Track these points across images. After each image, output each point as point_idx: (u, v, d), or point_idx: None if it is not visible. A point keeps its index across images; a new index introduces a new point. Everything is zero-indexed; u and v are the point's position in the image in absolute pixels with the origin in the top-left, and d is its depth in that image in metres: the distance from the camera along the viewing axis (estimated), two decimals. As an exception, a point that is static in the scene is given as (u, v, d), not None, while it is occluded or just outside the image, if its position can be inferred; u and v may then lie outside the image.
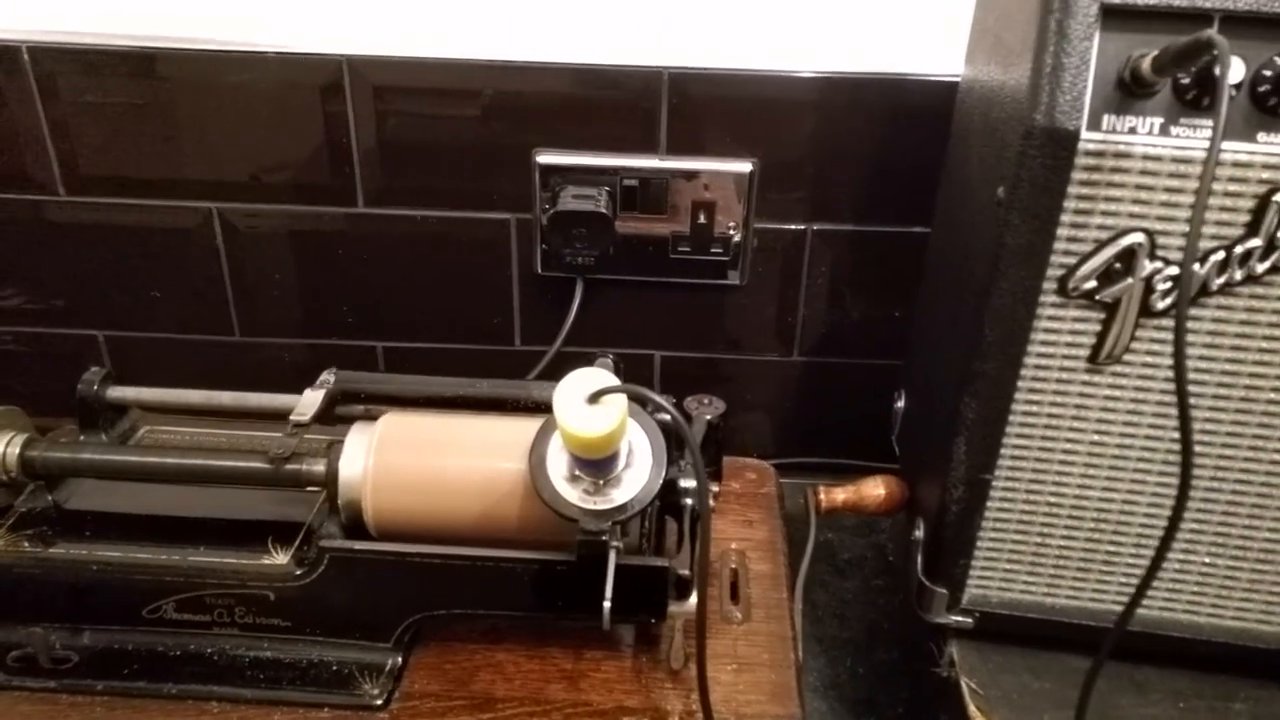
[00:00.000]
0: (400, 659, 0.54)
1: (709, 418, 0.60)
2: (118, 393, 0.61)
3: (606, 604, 0.47)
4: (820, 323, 0.82)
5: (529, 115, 0.75)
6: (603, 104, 0.74)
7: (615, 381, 0.45)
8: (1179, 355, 0.43)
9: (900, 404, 0.72)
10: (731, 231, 0.77)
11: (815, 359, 0.84)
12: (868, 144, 0.75)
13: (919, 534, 0.60)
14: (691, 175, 0.75)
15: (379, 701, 0.52)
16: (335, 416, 0.59)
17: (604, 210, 0.75)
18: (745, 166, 0.75)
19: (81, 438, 0.60)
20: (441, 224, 0.79)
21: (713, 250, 0.78)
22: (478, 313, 0.83)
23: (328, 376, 0.60)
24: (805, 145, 0.75)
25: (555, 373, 0.46)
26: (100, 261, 0.82)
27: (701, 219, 0.77)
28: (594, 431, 0.44)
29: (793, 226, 0.78)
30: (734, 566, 0.63)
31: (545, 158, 0.76)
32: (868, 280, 0.80)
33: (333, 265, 0.81)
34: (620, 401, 0.45)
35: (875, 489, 0.67)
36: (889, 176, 0.76)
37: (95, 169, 0.78)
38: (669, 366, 0.85)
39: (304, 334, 0.85)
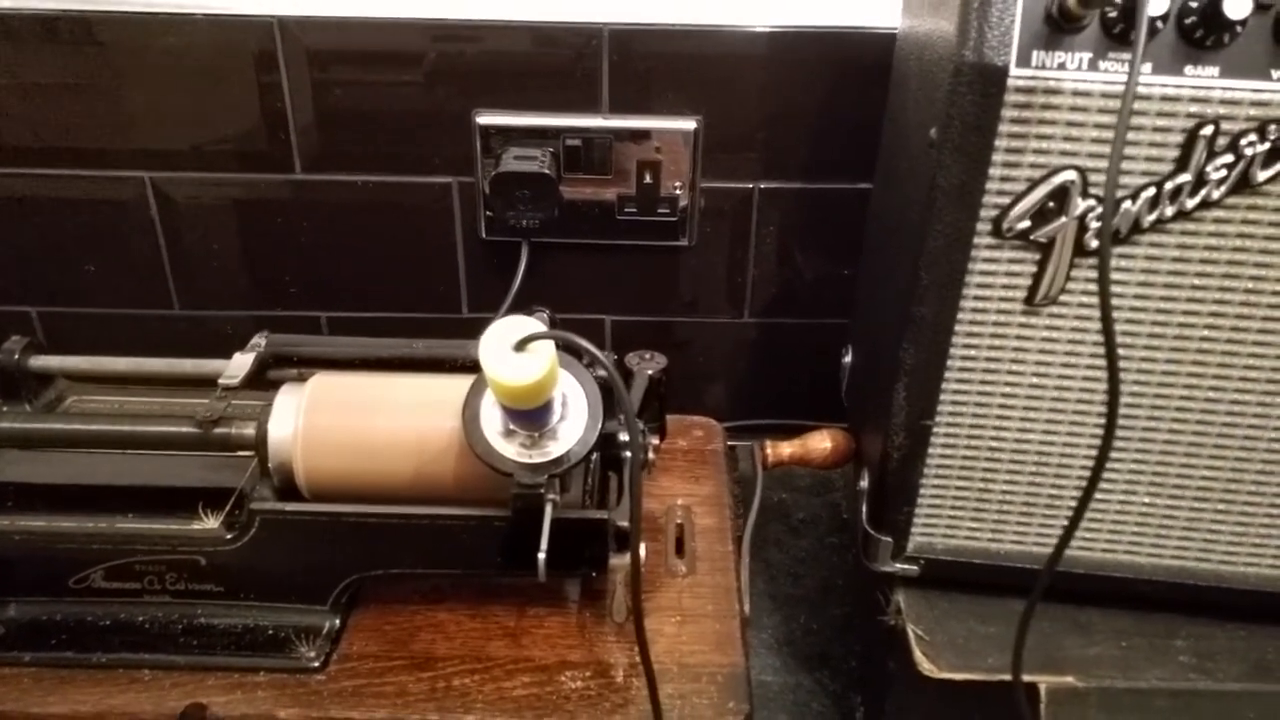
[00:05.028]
0: (338, 621, 0.53)
1: (650, 372, 0.59)
2: (41, 361, 0.59)
3: (541, 555, 0.46)
4: (770, 283, 0.82)
5: (467, 76, 0.73)
6: (542, 63, 0.73)
7: (542, 328, 0.44)
8: (1104, 293, 0.43)
9: (848, 359, 0.72)
10: (678, 191, 0.77)
11: (766, 320, 0.84)
12: (813, 99, 0.75)
13: (864, 484, 0.60)
14: (635, 134, 0.75)
15: (316, 664, 0.51)
16: (268, 381, 0.57)
17: (547, 171, 0.74)
18: (690, 124, 0.75)
19: (4, 408, 0.58)
20: (382, 189, 0.78)
21: (659, 211, 0.77)
22: (423, 280, 0.82)
23: (259, 340, 0.58)
24: (750, 101, 0.74)
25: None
26: (30, 235, 0.80)
27: (647, 179, 0.76)
28: (522, 379, 0.43)
29: (740, 185, 0.78)
30: (680, 521, 0.62)
31: (485, 118, 0.74)
32: (817, 238, 0.80)
33: (272, 234, 0.80)
34: (548, 349, 0.44)
35: (821, 442, 0.67)
36: (836, 132, 0.76)
37: (21, 139, 0.76)
38: (620, 331, 0.84)
39: (246, 305, 0.83)
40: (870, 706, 0.67)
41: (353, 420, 0.52)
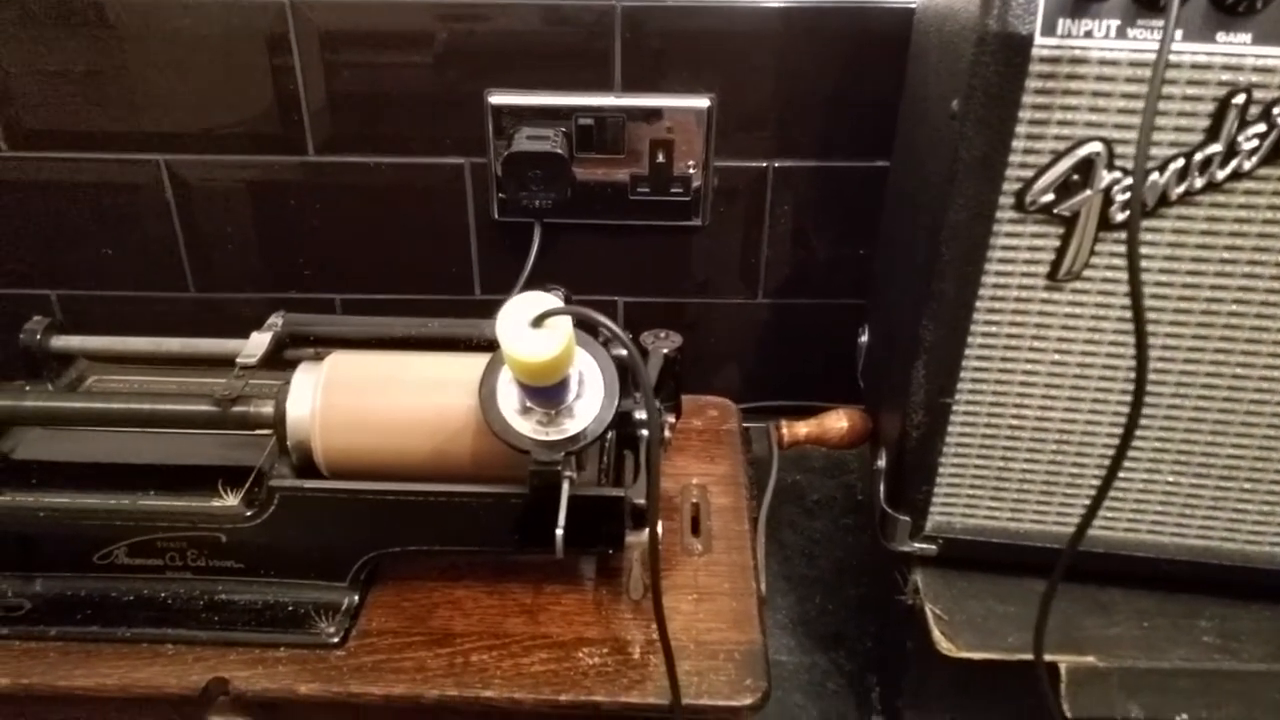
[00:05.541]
0: (357, 597, 0.54)
1: (665, 351, 0.59)
2: (62, 342, 0.59)
3: (559, 531, 0.46)
4: (784, 263, 0.81)
5: (479, 55, 0.73)
6: (554, 41, 0.72)
7: (560, 304, 0.43)
8: (1133, 267, 0.42)
9: (864, 338, 0.72)
10: (691, 171, 0.76)
11: (780, 300, 0.83)
12: (828, 76, 0.74)
13: (881, 463, 0.60)
14: (648, 113, 0.74)
15: (335, 640, 0.51)
16: (285, 361, 0.57)
17: (559, 150, 0.74)
18: (703, 102, 0.74)
19: (26, 388, 0.58)
20: (394, 171, 0.77)
21: (673, 191, 0.77)
22: (436, 261, 0.81)
23: (275, 319, 0.58)
24: (764, 79, 0.74)
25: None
26: (48, 219, 0.80)
27: (660, 158, 0.76)
28: (539, 355, 0.43)
29: (754, 164, 0.77)
30: (695, 501, 0.62)
31: (497, 98, 0.74)
32: (831, 217, 0.79)
33: (286, 216, 0.80)
34: (565, 325, 0.44)
35: (838, 421, 0.66)
36: (851, 109, 0.75)
37: (38, 123, 0.76)
38: (633, 312, 0.84)
39: (261, 288, 0.83)
40: (887, 686, 0.66)
41: (370, 398, 0.52)
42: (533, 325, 0.43)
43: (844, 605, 0.73)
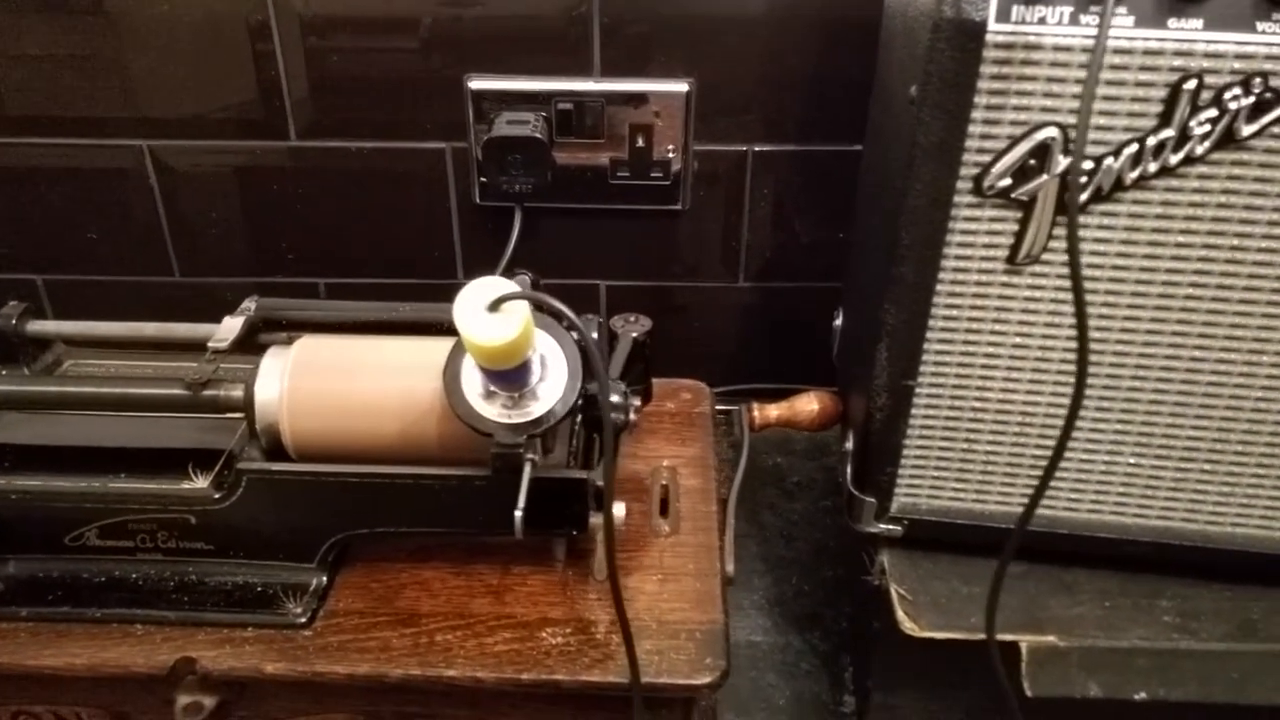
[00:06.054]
0: (325, 578, 0.54)
1: (635, 335, 0.59)
2: (38, 326, 0.60)
3: (518, 513, 0.47)
4: (765, 247, 0.82)
5: (459, 40, 0.73)
6: (534, 26, 0.73)
7: (517, 289, 0.44)
8: (1073, 250, 0.43)
9: (838, 322, 0.72)
10: (671, 155, 0.76)
11: (761, 284, 0.84)
12: (808, 60, 0.74)
13: (849, 445, 0.60)
14: (627, 97, 0.74)
15: (303, 620, 0.52)
16: (259, 345, 0.58)
17: (539, 135, 0.74)
18: (682, 86, 0.74)
19: (2, 372, 0.59)
20: (376, 155, 0.78)
21: (653, 175, 0.77)
22: (418, 245, 0.82)
23: (248, 304, 0.59)
24: (744, 63, 0.74)
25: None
26: (33, 204, 0.81)
27: (640, 143, 0.76)
28: (495, 339, 0.43)
29: (733, 148, 0.77)
30: (664, 482, 0.63)
31: (477, 83, 0.74)
32: (811, 202, 0.80)
33: (270, 201, 0.80)
34: (522, 309, 0.44)
35: (809, 404, 0.67)
36: (830, 94, 0.75)
37: (22, 109, 0.77)
38: (615, 296, 0.85)
39: (245, 272, 0.84)
40: (858, 667, 0.67)
41: (337, 382, 0.53)
42: (489, 309, 0.44)
43: (820, 586, 0.74)
